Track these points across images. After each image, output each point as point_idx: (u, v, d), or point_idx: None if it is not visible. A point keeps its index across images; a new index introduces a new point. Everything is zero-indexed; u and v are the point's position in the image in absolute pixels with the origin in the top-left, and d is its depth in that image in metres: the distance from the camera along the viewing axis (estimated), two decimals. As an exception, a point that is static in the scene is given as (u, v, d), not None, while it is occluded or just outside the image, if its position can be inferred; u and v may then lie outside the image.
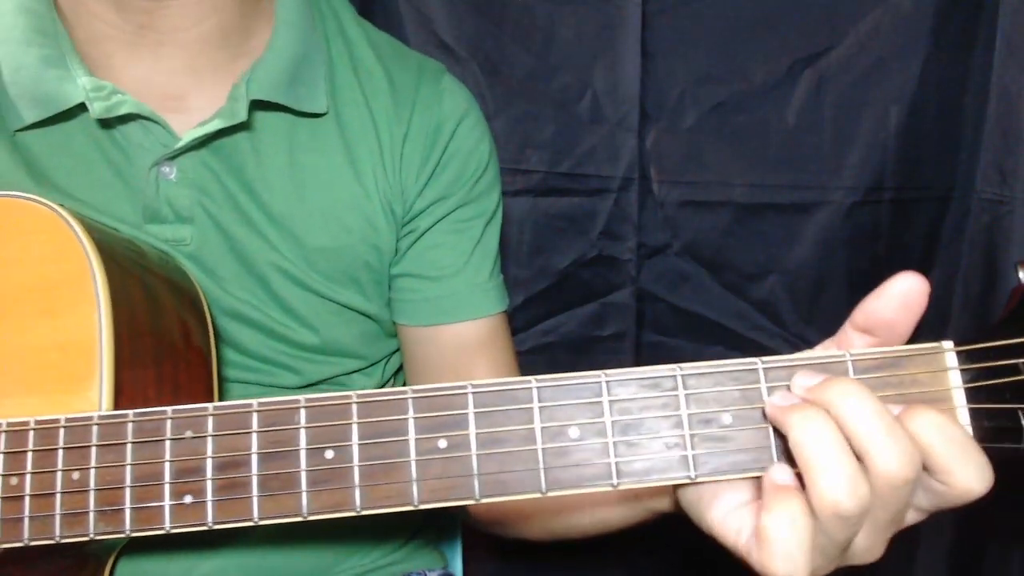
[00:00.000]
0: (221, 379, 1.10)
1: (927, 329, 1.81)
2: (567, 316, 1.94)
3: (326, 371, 1.22)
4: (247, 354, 1.17)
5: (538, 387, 0.73)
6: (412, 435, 0.74)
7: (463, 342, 1.27)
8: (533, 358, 1.86)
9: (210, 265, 1.12)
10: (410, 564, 1.33)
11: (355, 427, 0.75)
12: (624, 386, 0.73)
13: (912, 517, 0.73)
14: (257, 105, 1.11)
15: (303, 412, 0.76)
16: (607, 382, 0.73)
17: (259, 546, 1.17)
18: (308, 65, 1.15)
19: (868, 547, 0.71)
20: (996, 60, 1.74)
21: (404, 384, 1.39)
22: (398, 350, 1.33)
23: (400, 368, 1.36)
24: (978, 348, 0.71)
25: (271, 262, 1.14)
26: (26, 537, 0.80)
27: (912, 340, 0.74)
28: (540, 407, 0.73)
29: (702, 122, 1.80)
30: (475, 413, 0.73)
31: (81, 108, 1.05)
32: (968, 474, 0.66)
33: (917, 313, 0.72)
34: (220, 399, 1.06)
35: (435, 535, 1.45)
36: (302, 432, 0.75)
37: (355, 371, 1.26)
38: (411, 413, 0.74)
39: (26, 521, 0.80)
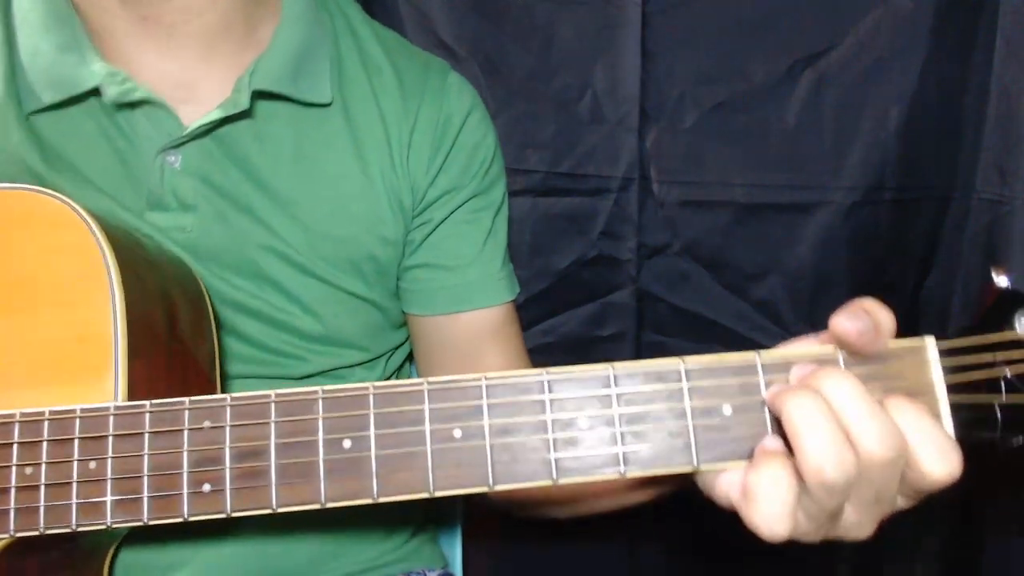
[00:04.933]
0: (224, 375, 1.14)
1: (927, 329, 1.85)
2: (567, 316, 1.96)
3: (328, 362, 1.26)
4: (251, 344, 1.21)
5: (549, 379, 0.79)
6: (428, 425, 0.78)
7: (477, 330, 1.32)
8: (533, 358, 1.82)
9: (210, 254, 1.16)
10: (410, 563, 1.37)
11: (372, 417, 0.79)
12: (631, 378, 0.78)
13: (900, 502, 0.78)
14: (261, 95, 1.15)
15: (321, 403, 0.80)
16: (615, 375, 0.78)
17: (258, 537, 1.20)
18: (312, 58, 1.20)
19: (857, 522, 0.77)
20: (996, 60, 1.76)
21: (406, 376, 1.45)
22: (401, 345, 1.38)
23: (402, 365, 1.41)
24: (957, 345, 0.78)
25: (273, 249, 1.18)
26: (42, 526, 0.83)
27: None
28: (551, 399, 0.78)
29: (702, 122, 1.82)
30: (489, 404, 0.78)
31: (92, 94, 1.10)
32: (932, 461, 0.73)
33: (876, 341, 0.79)
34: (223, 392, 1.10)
35: (435, 534, 1.49)
36: (320, 422, 0.79)
37: (357, 364, 1.30)
38: (427, 404, 0.78)
39: (42, 510, 0.83)
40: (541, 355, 1.93)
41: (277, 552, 1.23)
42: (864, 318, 0.77)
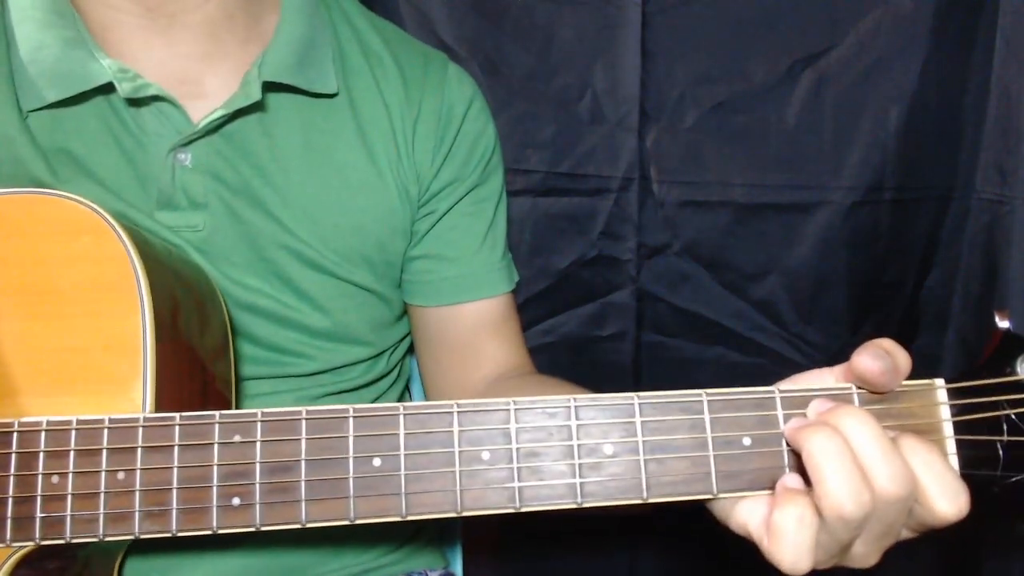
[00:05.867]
0: (237, 377, 1.15)
1: (927, 330, 1.87)
2: (567, 316, 1.98)
3: (334, 359, 1.28)
4: (259, 344, 1.22)
5: (576, 406, 0.81)
6: (457, 447, 0.81)
7: (479, 320, 1.35)
8: (534, 358, 1.83)
9: (221, 253, 1.18)
10: (411, 563, 1.38)
11: (402, 437, 0.81)
12: (655, 408, 0.82)
13: (905, 533, 0.83)
14: (269, 87, 1.17)
15: (351, 421, 0.82)
16: (640, 404, 0.82)
17: (264, 536, 1.23)
18: (315, 48, 1.22)
19: (865, 553, 0.82)
20: (996, 60, 1.78)
21: (407, 371, 1.48)
22: (402, 339, 1.41)
23: (403, 359, 1.44)
24: (964, 386, 0.83)
25: (284, 245, 1.20)
26: (68, 535, 0.85)
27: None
28: (578, 425, 0.81)
29: (702, 122, 1.85)
30: (516, 428, 0.81)
31: (97, 92, 1.11)
32: (941, 500, 0.78)
33: (895, 380, 0.83)
34: (236, 396, 1.12)
35: (436, 535, 1.50)
36: (351, 440, 0.82)
37: (361, 360, 1.32)
38: (456, 426, 0.81)
39: (68, 520, 0.85)
40: (541, 355, 1.96)
41: (281, 551, 1.24)
42: (886, 358, 0.81)
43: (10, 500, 0.87)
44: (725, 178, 1.87)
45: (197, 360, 1.03)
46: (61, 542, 0.86)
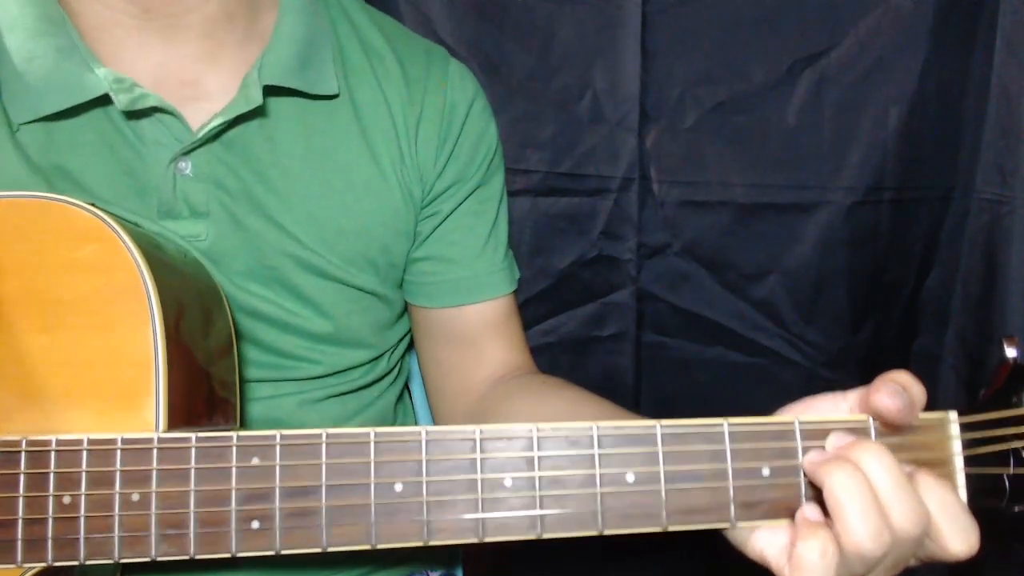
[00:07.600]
0: (240, 380, 1.14)
1: (927, 330, 1.88)
2: (567, 316, 1.99)
3: (338, 362, 1.28)
4: (261, 348, 1.22)
5: (599, 434, 0.82)
6: (479, 473, 0.81)
7: (481, 321, 1.35)
8: (534, 358, 1.84)
9: (224, 260, 1.16)
10: (412, 564, 1.39)
11: (424, 463, 0.82)
12: (677, 437, 0.82)
13: (912, 562, 0.85)
14: (270, 91, 1.15)
15: (372, 446, 0.82)
16: (662, 433, 0.82)
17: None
18: (315, 48, 1.20)
19: None
20: (996, 60, 1.79)
21: (406, 369, 1.49)
22: (402, 339, 1.41)
23: (402, 357, 1.44)
24: (976, 420, 0.85)
25: (288, 252, 1.19)
26: (82, 557, 0.84)
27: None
28: (600, 453, 0.82)
29: (702, 122, 1.85)
30: (539, 456, 0.82)
31: (94, 103, 1.08)
32: (954, 539, 0.81)
33: (911, 416, 0.85)
34: (239, 401, 1.11)
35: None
36: (372, 466, 0.82)
37: (363, 363, 1.32)
38: (479, 453, 0.82)
39: (82, 541, 0.83)
40: (542, 355, 1.96)
41: (278, 565, 1.24)
42: (903, 395, 0.83)
43: (20, 521, 0.85)
44: (725, 178, 1.87)
45: (204, 366, 1.01)
46: (75, 564, 0.84)
